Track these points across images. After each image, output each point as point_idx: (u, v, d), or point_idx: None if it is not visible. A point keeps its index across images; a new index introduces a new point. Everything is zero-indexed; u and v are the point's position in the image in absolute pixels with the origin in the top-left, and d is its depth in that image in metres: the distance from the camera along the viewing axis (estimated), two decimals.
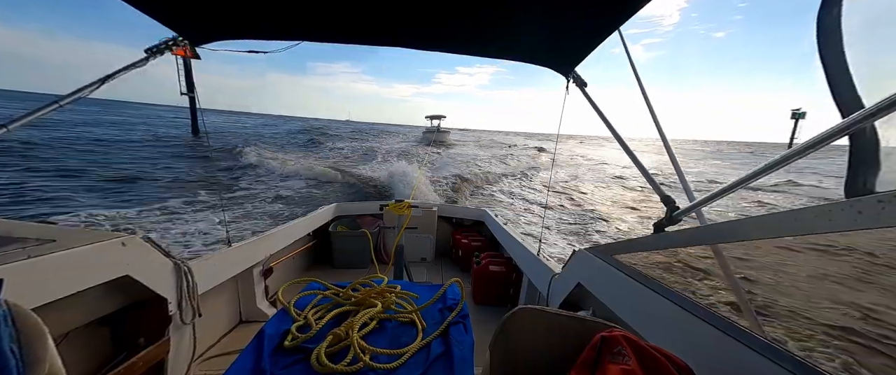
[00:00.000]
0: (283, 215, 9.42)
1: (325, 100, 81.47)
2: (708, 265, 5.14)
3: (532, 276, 2.60)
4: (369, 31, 1.83)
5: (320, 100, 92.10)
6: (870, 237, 6.05)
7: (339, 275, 3.66)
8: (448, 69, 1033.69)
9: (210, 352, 2.24)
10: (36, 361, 0.71)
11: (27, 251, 1.18)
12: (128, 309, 1.62)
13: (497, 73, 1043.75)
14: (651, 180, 1.57)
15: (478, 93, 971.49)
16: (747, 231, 0.90)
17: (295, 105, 77.69)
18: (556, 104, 2.34)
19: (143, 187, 11.64)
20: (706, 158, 52.55)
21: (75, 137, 21.78)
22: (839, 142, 0.72)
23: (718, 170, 30.62)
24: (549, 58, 1.97)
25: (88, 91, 1.57)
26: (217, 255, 2.24)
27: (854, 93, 0.76)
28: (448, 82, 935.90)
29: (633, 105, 1.68)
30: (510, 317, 0.94)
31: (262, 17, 1.70)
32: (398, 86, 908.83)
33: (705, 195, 1.12)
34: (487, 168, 19.54)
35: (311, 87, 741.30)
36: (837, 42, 0.79)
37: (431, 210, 4.24)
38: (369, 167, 17.91)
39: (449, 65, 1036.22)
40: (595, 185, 18.26)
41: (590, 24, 1.56)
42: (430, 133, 41.35)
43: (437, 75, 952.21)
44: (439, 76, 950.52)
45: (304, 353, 1.10)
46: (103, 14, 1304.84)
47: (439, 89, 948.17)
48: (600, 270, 1.58)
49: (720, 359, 0.96)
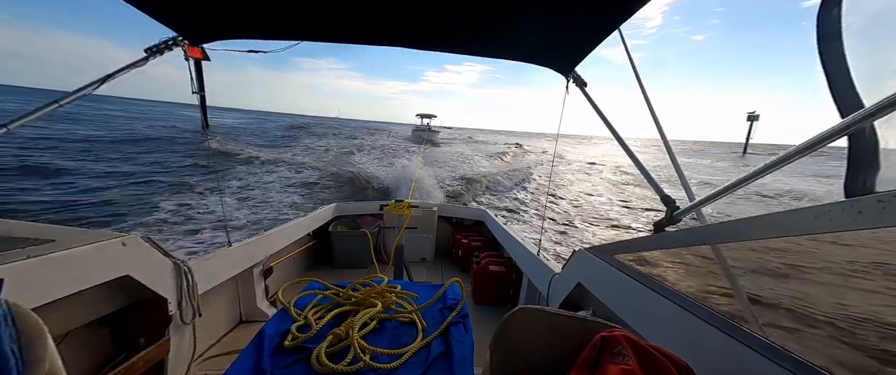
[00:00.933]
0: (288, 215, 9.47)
1: (313, 96, 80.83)
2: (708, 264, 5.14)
3: (532, 276, 2.60)
4: (369, 31, 1.83)
5: (307, 97, 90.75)
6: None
7: (339, 275, 3.66)
8: (436, 67, 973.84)
9: (210, 352, 2.24)
10: (36, 361, 0.71)
11: (27, 251, 1.17)
12: (128, 309, 1.62)
13: (486, 72, 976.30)
14: (651, 180, 1.57)
15: (467, 92, 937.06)
16: (747, 231, 0.90)
17: (281, 101, 74.71)
18: (547, 103, 2.35)
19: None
20: (690, 156, 53.60)
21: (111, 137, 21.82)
22: (839, 142, 0.72)
23: (697, 171, 30.99)
24: (549, 58, 1.97)
25: (89, 90, 1.57)
26: (217, 255, 2.24)
27: (854, 93, 0.76)
28: (436, 80, 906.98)
29: (623, 105, 1.70)
30: (510, 317, 0.94)
31: (262, 16, 1.70)
32: (386, 83, 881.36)
33: (705, 195, 1.12)
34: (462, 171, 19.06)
35: (297, 84, 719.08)
36: (837, 42, 0.79)
37: (431, 210, 4.24)
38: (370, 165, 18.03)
39: (437, 64, 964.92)
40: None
41: (590, 24, 1.56)
42: (421, 131, 41.60)
43: (426, 73, 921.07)
44: (427, 74, 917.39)
45: (305, 353, 1.10)
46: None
47: (427, 87, 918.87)
48: (600, 270, 1.58)
49: (720, 359, 0.96)
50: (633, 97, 1.55)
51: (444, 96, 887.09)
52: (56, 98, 1.50)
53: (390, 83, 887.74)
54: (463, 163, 21.67)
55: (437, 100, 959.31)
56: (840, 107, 0.77)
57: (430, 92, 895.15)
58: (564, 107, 2.13)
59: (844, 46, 0.78)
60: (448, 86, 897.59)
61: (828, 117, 0.77)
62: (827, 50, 0.80)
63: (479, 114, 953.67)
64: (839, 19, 0.79)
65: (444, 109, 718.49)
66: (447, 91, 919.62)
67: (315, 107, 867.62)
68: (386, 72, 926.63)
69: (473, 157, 25.87)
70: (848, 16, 0.78)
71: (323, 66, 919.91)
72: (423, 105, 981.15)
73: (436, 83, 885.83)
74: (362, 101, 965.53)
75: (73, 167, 12.33)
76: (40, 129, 19.44)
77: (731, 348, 0.93)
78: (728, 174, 26.97)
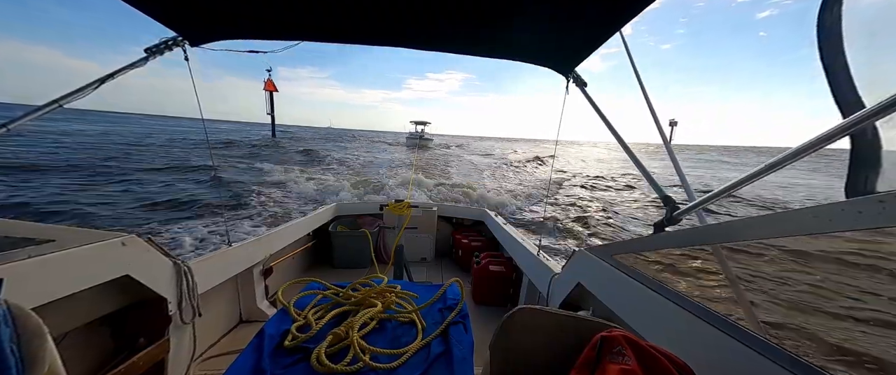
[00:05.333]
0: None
1: (292, 106, 76.93)
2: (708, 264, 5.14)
3: (532, 276, 2.60)
4: (369, 31, 1.83)
5: (288, 107, 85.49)
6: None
7: (339, 275, 3.66)
8: (418, 75, 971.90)
9: (210, 352, 2.23)
10: (36, 361, 0.71)
11: (27, 251, 1.17)
12: (128, 309, 1.62)
13: (468, 80, 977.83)
14: (651, 180, 1.56)
15: (450, 99, 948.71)
16: (747, 231, 0.90)
17: (262, 112, 68.15)
18: (531, 109, 2.36)
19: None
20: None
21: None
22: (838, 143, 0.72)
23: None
24: (549, 58, 1.97)
25: (89, 90, 1.57)
26: (217, 255, 2.24)
27: (854, 93, 0.76)
28: (418, 88, 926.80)
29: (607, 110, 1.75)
30: (510, 317, 0.94)
31: (262, 17, 1.70)
32: (367, 92, 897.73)
33: (705, 195, 1.12)
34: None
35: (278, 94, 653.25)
36: (837, 42, 0.79)
37: (431, 210, 4.23)
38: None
39: (419, 71, 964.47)
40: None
41: (591, 25, 1.56)
42: (414, 138, 48.21)
43: (407, 81, 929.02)
44: (409, 82, 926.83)
45: (304, 353, 1.10)
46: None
47: (409, 95, 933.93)
48: (600, 270, 1.58)
49: (720, 359, 0.96)
50: (608, 103, 1.57)
51: (426, 104, 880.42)
52: (56, 98, 1.50)
53: (371, 91, 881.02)
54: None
55: (418, 109, 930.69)
56: (841, 107, 0.77)
57: (412, 100, 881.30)
58: (564, 107, 2.13)
59: (844, 46, 0.78)
60: (431, 94, 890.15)
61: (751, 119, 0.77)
62: (827, 50, 0.80)
63: (462, 120, 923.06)
64: (839, 19, 0.78)
65: (428, 118, 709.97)
66: (430, 99, 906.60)
67: (307, 117, 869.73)
68: (367, 80, 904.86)
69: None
70: (848, 16, 0.78)
71: (303, 75, 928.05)
72: (405, 113, 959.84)
73: (418, 91, 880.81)
74: (344, 110, 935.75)
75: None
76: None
77: (731, 348, 0.93)
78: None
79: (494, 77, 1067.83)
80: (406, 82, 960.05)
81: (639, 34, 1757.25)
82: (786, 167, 0.82)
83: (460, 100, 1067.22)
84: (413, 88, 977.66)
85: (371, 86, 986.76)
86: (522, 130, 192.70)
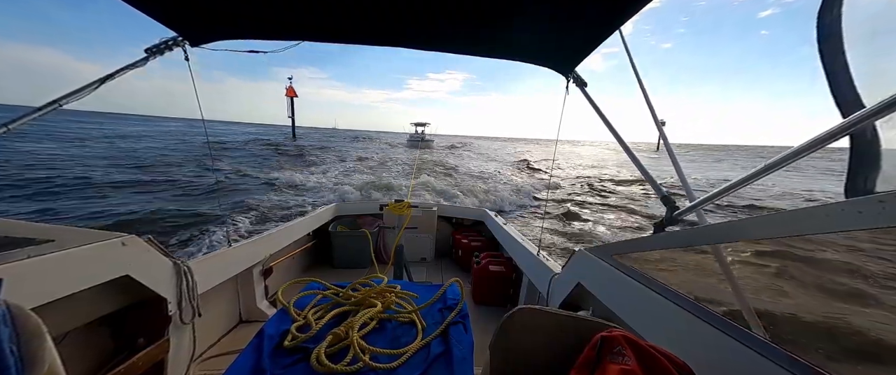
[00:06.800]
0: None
1: (297, 107, 78.74)
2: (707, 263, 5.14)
3: (532, 276, 2.60)
4: (370, 31, 1.83)
5: (293, 107, 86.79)
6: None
7: (339, 275, 3.66)
8: (419, 75, 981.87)
9: (210, 352, 2.23)
10: (35, 361, 0.71)
11: (27, 251, 1.17)
12: (128, 309, 1.62)
13: (469, 80, 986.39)
14: (651, 180, 1.56)
15: (451, 99, 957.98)
16: (747, 231, 0.90)
17: (262, 114, 77.98)
18: (532, 109, 2.37)
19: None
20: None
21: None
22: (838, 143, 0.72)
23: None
24: (549, 58, 1.97)
25: (88, 91, 1.57)
26: (217, 255, 2.24)
27: (854, 93, 0.75)
28: (419, 88, 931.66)
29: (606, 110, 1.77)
30: (510, 317, 0.94)
31: (262, 17, 1.70)
32: (369, 92, 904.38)
33: (705, 195, 1.12)
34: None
35: (275, 94, 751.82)
36: (837, 42, 0.79)
37: (431, 210, 4.23)
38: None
39: (420, 71, 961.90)
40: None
41: (590, 25, 1.56)
42: (415, 138, 50.32)
43: (408, 81, 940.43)
44: (410, 82, 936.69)
45: (304, 353, 1.10)
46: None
47: (411, 95, 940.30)
48: (600, 270, 1.58)
49: (720, 359, 0.96)
50: (607, 102, 1.57)
51: (427, 104, 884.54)
52: (55, 98, 1.50)
53: (372, 92, 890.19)
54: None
55: (419, 109, 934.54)
56: (840, 107, 0.77)
57: (413, 100, 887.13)
58: (564, 108, 2.13)
59: (845, 46, 0.78)
60: (432, 94, 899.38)
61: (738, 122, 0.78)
62: (827, 50, 0.80)
63: (463, 120, 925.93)
64: (839, 19, 0.78)
65: (429, 117, 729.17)
66: (431, 99, 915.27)
67: (312, 117, 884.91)
68: (368, 80, 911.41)
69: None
70: (848, 16, 0.78)
71: (304, 76, 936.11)
72: (406, 113, 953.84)
73: (419, 91, 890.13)
74: (347, 110, 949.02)
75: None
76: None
77: (731, 348, 0.93)
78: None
79: (495, 77, 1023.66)
80: (407, 82, 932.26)
81: (640, 33, 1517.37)
82: (785, 167, 0.82)
83: (461, 100, 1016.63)
84: (414, 88, 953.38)
85: (372, 86, 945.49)
86: (523, 130, 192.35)
